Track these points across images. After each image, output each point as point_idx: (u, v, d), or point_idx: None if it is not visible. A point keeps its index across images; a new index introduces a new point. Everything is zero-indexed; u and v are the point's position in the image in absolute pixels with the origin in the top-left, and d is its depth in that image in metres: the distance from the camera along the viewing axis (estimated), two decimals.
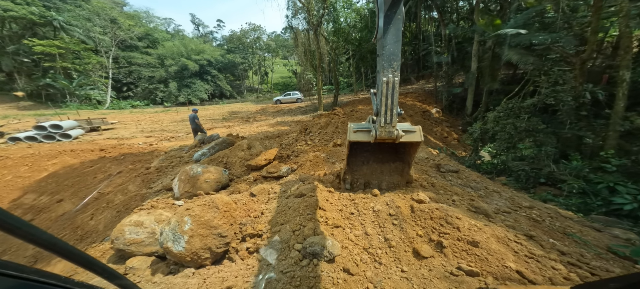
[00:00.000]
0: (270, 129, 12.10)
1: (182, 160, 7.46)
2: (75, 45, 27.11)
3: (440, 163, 5.54)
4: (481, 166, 8.43)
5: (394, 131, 2.19)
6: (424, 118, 15.79)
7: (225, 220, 2.72)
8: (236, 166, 6.20)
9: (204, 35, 65.34)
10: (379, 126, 2.18)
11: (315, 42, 18.47)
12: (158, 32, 46.06)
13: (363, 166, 3.11)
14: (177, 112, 21.05)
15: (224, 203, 2.78)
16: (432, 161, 5.83)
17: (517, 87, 10.64)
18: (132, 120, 17.52)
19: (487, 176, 7.18)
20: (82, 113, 22.90)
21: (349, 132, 2.38)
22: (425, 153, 6.36)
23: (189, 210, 2.56)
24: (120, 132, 12.44)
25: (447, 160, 5.71)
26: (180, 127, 13.71)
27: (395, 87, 2.03)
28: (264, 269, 2.22)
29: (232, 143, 7.78)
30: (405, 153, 2.94)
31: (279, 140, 8.84)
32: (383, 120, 2.14)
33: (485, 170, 7.97)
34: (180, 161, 7.40)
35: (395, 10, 2.00)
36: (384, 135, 2.20)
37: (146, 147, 9.07)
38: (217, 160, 6.57)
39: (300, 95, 26.34)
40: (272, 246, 2.49)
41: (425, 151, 6.50)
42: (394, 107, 2.09)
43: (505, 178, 7.05)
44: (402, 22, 2.03)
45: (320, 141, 6.78)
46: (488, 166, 8.27)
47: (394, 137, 2.21)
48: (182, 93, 42.26)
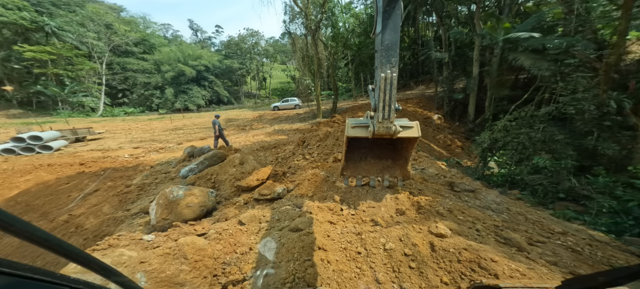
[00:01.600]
0: (266, 139, 11.51)
1: (168, 176, 6.83)
2: (68, 51, 26.52)
3: (453, 180, 4.98)
4: (491, 178, 7.92)
5: (392, 127, 2.19)
6: (426, 126, 15.31)
7: (197, 272, 2.10)
8: (226, 185, 5.58)
9: (202, 40, 65.25)
10: (377, 122, 2.18)
11: (313, 47, 18.08)
12: (155, 38, 45.74)
13: (361, 162, 3.11)
14: (170, 120, 20.40)
15: (195, 251, 2.16)
16: (443, 178, 5.26)
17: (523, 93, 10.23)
18: (123, 129, 16.83)
19: (498, 189, 6.65)
20: (71, 122, 22.20)
21: (347, 128, 2.38)
22: (434, 168, 5.79)
23: (145, 262, 1.95)
24: (107, 142, 11.77)
25: (460, 177, 5.14)
26: (172, 137, 13.07)
27: (394, 83, 2.03)
28: None
29: (223, 157, 7.18)
30: (403, 148, 2.95)
31: (276, 152, 8.25)
32: (381, 116, 2.14)
33: (496, 182, 7.46)
34: (166, 177, 6.77)
35: (394, 6, 2.00)
36: (382, 130, 2.19)
37: (131, 160, 8.42)
38: (206, 177, 5.96)
39: (298, 102, 25.85)
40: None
41: (433, 165, 5.93)
42: (392, 102, 2.09)
43: (520, 192, 6.51)
44: (400, 18, 2.03)
45: (319, 155, 6.21)
46: (499, 178, 7.75)
47: (391, 132, 2.20)
48: (178, 99, 41.66)
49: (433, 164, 6.06)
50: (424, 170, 5.80)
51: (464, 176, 5.42)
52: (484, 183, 6.97)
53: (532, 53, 7.44)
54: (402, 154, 2.99)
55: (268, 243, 2.85)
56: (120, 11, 46.73)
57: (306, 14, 17.10)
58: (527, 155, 6.71)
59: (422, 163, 5.98)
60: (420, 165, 5.99)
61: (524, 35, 6.90)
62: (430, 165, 5.96)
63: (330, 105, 21.27)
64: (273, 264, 2.57)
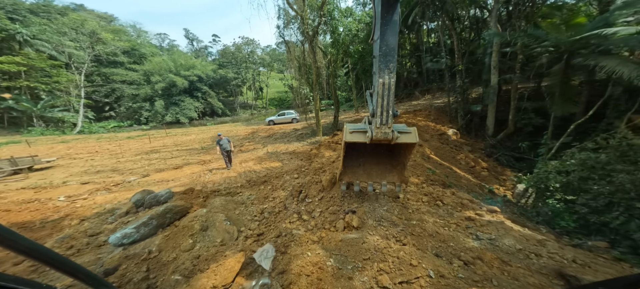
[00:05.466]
0: (255, 167, 9.25)
1: (95, 241, 4.54)
2: (41, 61, 24.23)
3: (562, 269, 2.76)
4: (556, 221, 5.82)
5: (390, 132, 2.19)
6: (442, 143, 13.15)
7: None
8: (167, 277, 3.31)
9: (198, 50, 63.76)
10: (375, 127, 2.18)
11: (311, 55, 16.14)
12: (146, 47, 43.85)
13: (359, 168, 3.11)
14: (149, 139, 18.04)
15: None
16: (538, 258, 3.02)
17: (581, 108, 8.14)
18: (89, 152, 14.37)
19: (575, 236, 4.64)
20: (41, 141, 19.72)
21: (345, 133, 2.37)
22: (511, 237, 3.59)
23: None
24: (55, 174, 9.40)
25: (571, 265, 2.92)
26: (141, 164, 10.73)
27: (392, 88, 2.05)
28: None
29: (182, 212, 4.89)
30: (400, 154, 2.90)
31: (263, 194, 5.98)
32: (379, 121, 2.15)
33: (565, 227, 5.42)
34: (90, 244, 4.47)
35: (392, 12, 2.01)
36: (380, 136, 2.20)
37: (64, 206, 6.10)
38: (140, 257, 3.68)
39: (295, 115, 23.70)
40: None
41: (505, 230, 3.72)
42: (390, 108, 2.11)
43: (620, 253, 4.37)
44: (398, 25, 2.04)
45: (322, 216, 3.98)
46: (569, 221, 5.64)
47: (390, 138, 2.21)
48: (169, 112, 39.41)
49: (503, 227, 3.82)
50: (495, 241, 3.54)
51: (569, 253, 3.14)
52: (548, 228, 4.96)
53: (613, 56, 5.56)
54: (400, 160, 2.92)
55: None
56: (110, 20, 45.12)
57: (302, 19, 15.23)
58: (627, 201, 4.58)
59: (485, 229, 3.74)
60: (484, 230, 3.73)
61: (627, 31, 4.94)
62: (501, 231, 3.71)
63: (330, 119, 19.18)
64: None
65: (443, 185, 6.96)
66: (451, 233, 3.68)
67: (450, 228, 3.79)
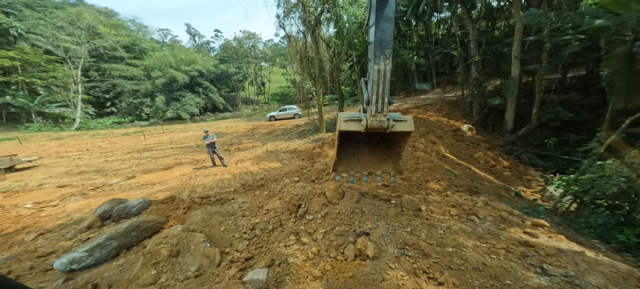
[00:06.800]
0: (252, 168, 8.32)
1: (39, 267, 3.63)
2: (36, 56, 23.56)
3: None
4: (615, 236, 4.86)
5: (386, 120, 2.15)
6: (457, 140, 11.99)
7: None
8: None
9: (200, 45, 62.85)
10: (370, 115, 2.14)
11: (313, 46, 15.01)
12: (146, 42, 43.09)
13: (354, 157, 3.05)
14: (144, 136, 17.25)
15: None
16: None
17: None
18: (79, 150, 13.60)
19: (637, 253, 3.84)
20: (36, 138, 19.14)
21: (340, 122, 2.31)
22: (598, 275, 2.52)
23: None
24: (35, 174, 8.60)
25: None
26: (129, 164, 9.88)
27: (387, 75, 2.02)
28: None
29: (154, 228, 3.95)
30: (395, 143, 2.88)
31: (258, 202, 5.02)
32: (374, 109, 2.11)
33: (627, 244, 4.51)
34: (33, 270, 3.58)
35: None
36: (375, 124, 2.15)
37: (28, 214, 5.28)
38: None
39: (297, 110, 22.66)
40: None
41: (589, 264, 2.65)
42: (386, 95, 2.08)
43: None
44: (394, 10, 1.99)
45: (326, 238, 2.98)
46: (630, 235, 4.68)
47: (385, 126, 2.17)
48: (170, 107, 38.77)
49: (583, 258, 2.73)
50: (575, 280, 2.46)
51: None
52: (606, 244, 4.20)
53: None
54: (395, 149, 2.88)
55: None
56: (111, 16, 44.40)
57: (304, 6, 14.09)
58: None
59: (555, 260, 2.67)
60: (552, 262, 2.66)
61: None
62: (582, 265, 2.63)
63: (334, 114, 18.09)
64: None
65: (469, 190, 5.90)
66: (502, 263, 2.69)
67: (500, 257, 2.78)
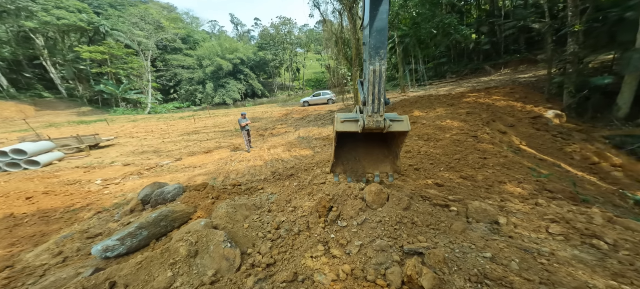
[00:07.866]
0: (283, 155, 8.34)
1: (84, 250, 3.99)
2: (119, 50, 28.40)
3: None
4: None
5: (382, 120, 2.19)
6: (538, 129, 9.17)
7: None
8: None
9: (242, 34, 66.17)
10: (367, 116, 2.18)
11: (350, 26, 13.81)
12: (198, 33, 47.42)
13: (351, 158, 3.06)
14: (194, 120, 19.26)
15: None
16: None
17: None
18: (146, 131, 16.08)
19: None
20: (119, 120, 23.50)
21: (336, 123, 2.35)
22: None
23: None
24: (111, 152, 10.43)
25: None
26: (179, 147, 11.08)
27: (382, 75, 2.05)
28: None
29: (182, 218, 4.12)
30: (393, 143, 2.88)
31: (287, 189, 4.86)
32: (370, 110, 2.15)
33: None
34: (79, 252, 3.96)
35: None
36: (372, 124, 2.19)
37: (94, 191, 6.31)
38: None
39: (331, 95, 21.95)
40: None
41: None
42: (382, 95, 2.11)
43: None
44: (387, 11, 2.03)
45: (362, 253, 2.41)
46: None
47: (382, 126, 2.21)
48: (217, 93, 42.55)
49: None
50: None
51: None
52: None
53: None
54: (393, 149, 2.90)
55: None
56: (171, 10, 49.81)
57: None
58: None
59: None
60: None
61: None
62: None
63: None
64: None
65: (571, 198, 3.92)
66: None
67: None
